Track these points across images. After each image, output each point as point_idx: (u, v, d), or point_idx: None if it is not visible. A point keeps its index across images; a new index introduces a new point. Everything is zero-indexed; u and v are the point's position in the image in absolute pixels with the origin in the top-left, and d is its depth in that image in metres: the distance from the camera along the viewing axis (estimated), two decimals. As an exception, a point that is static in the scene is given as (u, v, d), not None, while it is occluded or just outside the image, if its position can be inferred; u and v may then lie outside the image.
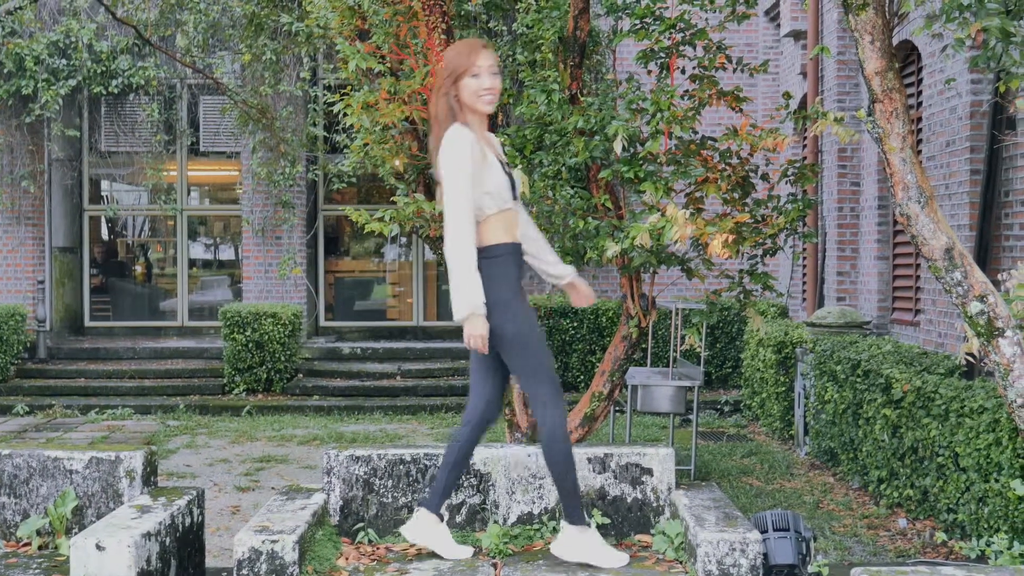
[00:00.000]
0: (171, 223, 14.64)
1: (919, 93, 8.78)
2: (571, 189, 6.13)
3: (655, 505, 4.52)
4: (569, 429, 4.45)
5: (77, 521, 4.53)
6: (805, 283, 11.26)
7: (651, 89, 5.82)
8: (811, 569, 4.33)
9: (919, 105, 8.74)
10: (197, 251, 15.15)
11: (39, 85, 12.65)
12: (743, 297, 6.28)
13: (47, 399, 11.78)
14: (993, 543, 4.98)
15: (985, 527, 5.30)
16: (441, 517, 4.19)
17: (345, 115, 6.13)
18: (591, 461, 4.54)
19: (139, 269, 15.20)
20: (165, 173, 14.14)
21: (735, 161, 5.92)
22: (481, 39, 4.23)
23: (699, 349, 6.63)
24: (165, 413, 11.40)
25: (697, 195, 5.91)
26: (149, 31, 11.47)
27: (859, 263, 10.21)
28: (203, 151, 14.44)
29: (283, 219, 13.50)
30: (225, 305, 12.51)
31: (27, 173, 13.39)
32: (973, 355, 4.70)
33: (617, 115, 5.69)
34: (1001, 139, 7.19)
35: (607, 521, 4.49)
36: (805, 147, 10.91)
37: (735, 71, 6.12)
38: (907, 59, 9.04)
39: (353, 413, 11.32)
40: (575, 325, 11.82)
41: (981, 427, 5.33)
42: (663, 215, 5.06)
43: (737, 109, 6.01)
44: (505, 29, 10.00)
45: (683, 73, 6.25)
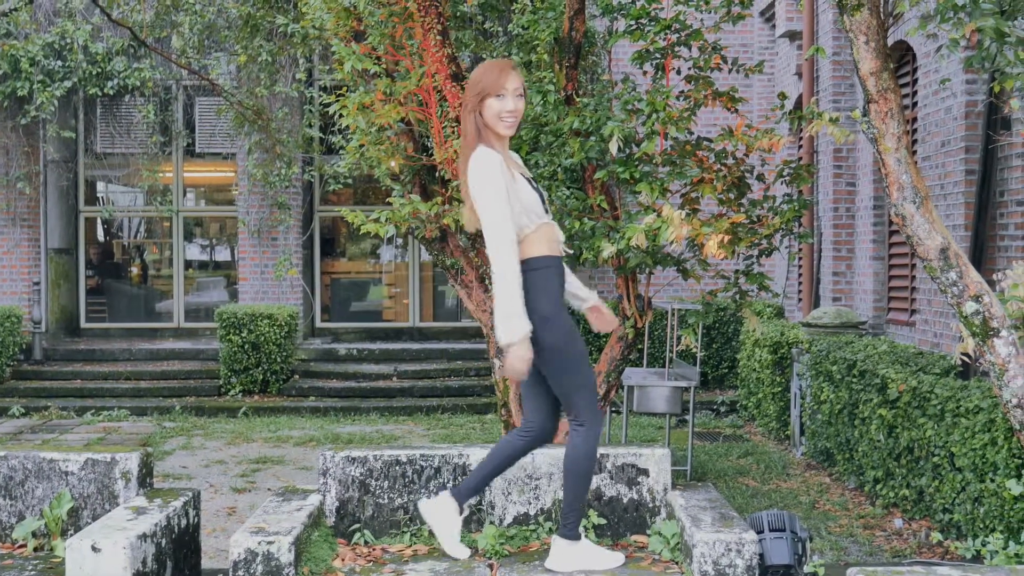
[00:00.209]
0: (167, 224, 14.63)
1: (914, 93, 8.79)
2: (567, 190, 6.13)
3: (651, 506, 4.52)
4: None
5: (73, 523, 4.52)
6: (801, 283, 11.27)
7: (647, 90, 5.82)
8: (807, 569, 4.33)
9: (914, 105, 8.75)
10: (193, 252, 15.14)
11: (35, 87, 12.63)
12: (739, 297, 6.28)
13: (43, 401, 11.77)
14: (988, 543, 4.99)
15: (981, 527, 5.31)
16: (462, 511, 4.17)
17: (341, 116, 6.13)
18: (587, 462, 4.53)
19: (135, 270, 15.18)
20: (161, 174, 14.12)
21: (731, 162, 5.93)
22: (510, 60, 4.20)
23: (695, 350, 6.63)
24: (161, 415, 11.39)
25: (693, 196, 5.91)
26: (145, 32, 11.46)
27: (855, 263, 10.22)
28: (199, 152, 14.43)
29: (279, 220, 13.49)
30: (221, 306, 12.50)
31: (23, 175, 13.37)
32: (968, 355, 4.70)
33: (613, 116, 5.69)
34: (996, 139, 7.20)
35: (603, 522, 4.49)
36: (801, 147, 10.92)
37: (730, 72, 6.13)
38: (902, 59, 9.05)
39: (349, 414, 11.32)
40: (571, 326, 11.80)
41: (976, 427, 5.33)
42: (659, 216, 5.07)
43: (733, 110, 6.02)
44: (501, 30, 10.00)
45: (678, 74, 6.26)
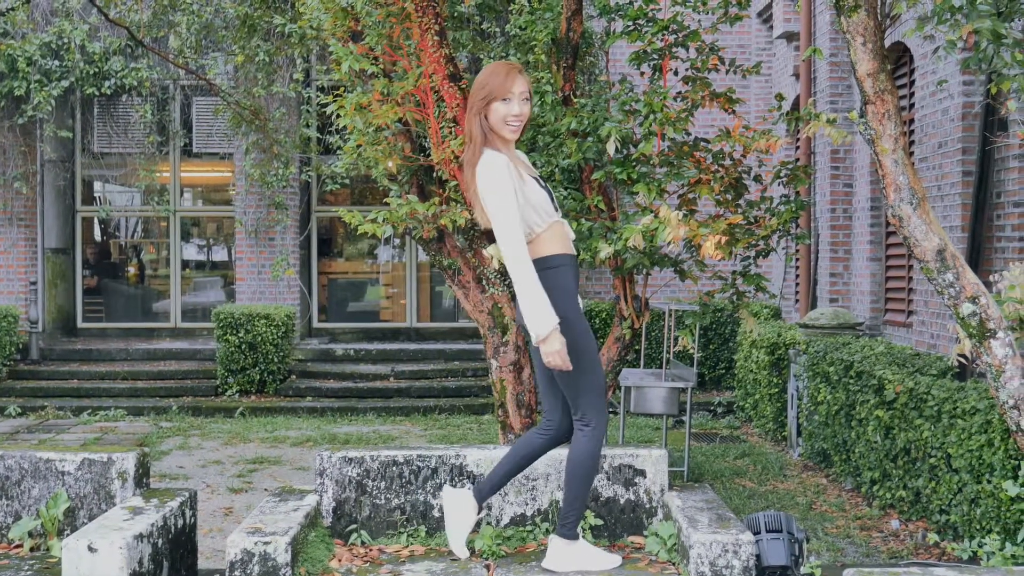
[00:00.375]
0: (164, 224, 14.61)
1: (911, 95, 8.80)
2: (564, 190, 6.14)
3: (648, 507, 4.52)
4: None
5: (69, 523, 4.52)
6: (798, 284, 11.28)
7: (644, 91, 5.83)
8: (804, 570, 4.33)
9: (911, 107, 8.76)
10: (190, 252, 15.12)
11: (31, 86, 12.61)
12: (736, 298, 6.29)
13: (39, 400, 11.76)
14: (985, 544, 4.99)
15: (977, 528, 5.31)
16: (480, 509, 4.16)
17: (338, 116, 6.13)
18: (584, 462, 4.53)
19: (132, 270, 15.16)
20: (158, 174, 14.10)
21: (728, 162, 5.94)
22: (517, 63, 4.20)
23: (692, 350, 6.63)
24: (158, 414, 11.38)
25: (690, 196, 5.92)
26: (142, 32, 11.45)
27: (852, 264, 10.23)
28: (196, 152, 14.42)
29: (276, 220, 13.48)
30: (218, 306, 12.49)
31: (19, 174, 13.35)
32: (965, 356, 4.71)
33: (610, 116, 5.69)
34: (993, 140, 7.21)
35: (600, 523, 4.49)
36: (798, 149, 10.93)
37: (728, 73, 6.13)
38: (899, 61, 9.06)
39: (346, 414, 11.31)
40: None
41: (973, 428, 5.34)
42: (656, 216, 5.07)
43: (730, 111, 6.02)
44: (498, 31, 10.00)
45: (676, 75, 6.27)
